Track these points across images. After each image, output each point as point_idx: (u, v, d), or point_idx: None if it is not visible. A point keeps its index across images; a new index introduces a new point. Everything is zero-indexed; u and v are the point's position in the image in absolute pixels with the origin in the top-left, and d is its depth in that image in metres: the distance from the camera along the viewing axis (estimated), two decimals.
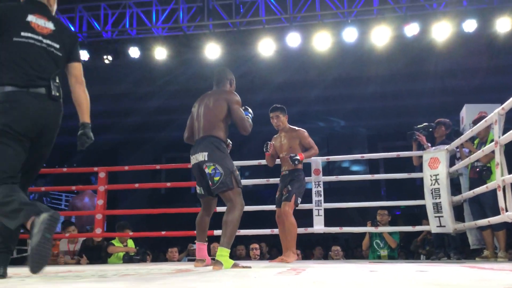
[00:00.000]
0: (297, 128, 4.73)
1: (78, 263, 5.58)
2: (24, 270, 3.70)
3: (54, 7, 2.80)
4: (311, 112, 12.80)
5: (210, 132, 3.36)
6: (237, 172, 3.39)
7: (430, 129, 5.50)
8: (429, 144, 5.38)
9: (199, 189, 3.55)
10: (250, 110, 3.85)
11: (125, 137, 14.47)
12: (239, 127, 3.45)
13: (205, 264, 3.66)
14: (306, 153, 4.61)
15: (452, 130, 5.48)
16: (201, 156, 3.32)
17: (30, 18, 2.57)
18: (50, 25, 2.64)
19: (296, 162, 4.43)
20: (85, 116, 2.75)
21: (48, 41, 2.60)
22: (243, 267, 3.15)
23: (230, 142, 4.36)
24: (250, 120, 3.65)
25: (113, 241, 5.87)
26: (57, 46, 2.64)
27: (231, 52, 8.07)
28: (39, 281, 2.41)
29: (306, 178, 5.62)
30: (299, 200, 4.50)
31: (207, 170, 3.28)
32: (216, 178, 3.23)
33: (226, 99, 3.43)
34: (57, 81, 2.61)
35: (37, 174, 2.77)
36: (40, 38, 2.58)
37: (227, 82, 3.65)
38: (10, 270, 3.52)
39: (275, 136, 4.92)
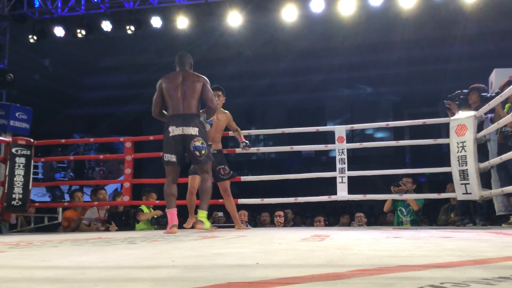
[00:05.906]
0: (225, 110, 4.88)
1: (107, 230, 5.74)
2: (56, 237, 3.84)
3: None
4: (334, 79, 12.64)
5: (194, 111, 3.89)
6: None
7: (462, 96, 5.27)
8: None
9: (173, 158, 3.93)
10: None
11: (149, 107, 14.55)
12: (207, 104, 3.97)
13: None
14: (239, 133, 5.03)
15: (481, 97, 5.25)
16: (193, 131, 3.83)
17: None
18: None
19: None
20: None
21: None
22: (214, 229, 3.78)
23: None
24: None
25: (141, 207, 6.00)
26: None
27: (253, 19, 7.96)
28: (72, 247, 2.51)
29: (329, 145, 5.71)
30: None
31: (196, 144, 3.83)
32: (203, 152, 3.87)
33: (203, 81, 3.95)
34: None
35: None
36: None
37: (191, 65, 4.08)
38: (43, 237, 3.66)
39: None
